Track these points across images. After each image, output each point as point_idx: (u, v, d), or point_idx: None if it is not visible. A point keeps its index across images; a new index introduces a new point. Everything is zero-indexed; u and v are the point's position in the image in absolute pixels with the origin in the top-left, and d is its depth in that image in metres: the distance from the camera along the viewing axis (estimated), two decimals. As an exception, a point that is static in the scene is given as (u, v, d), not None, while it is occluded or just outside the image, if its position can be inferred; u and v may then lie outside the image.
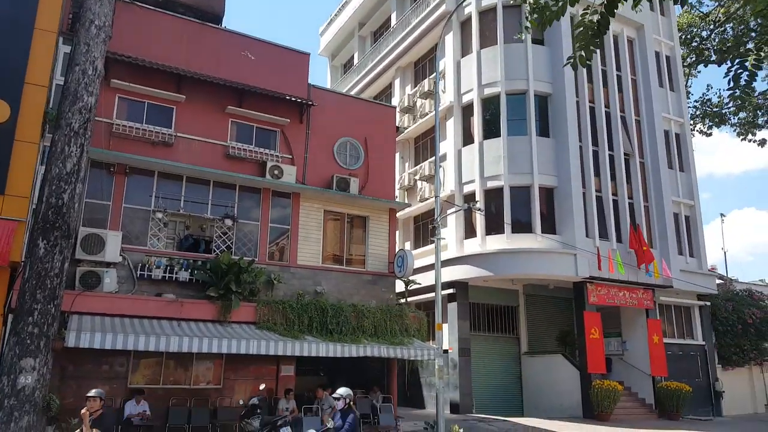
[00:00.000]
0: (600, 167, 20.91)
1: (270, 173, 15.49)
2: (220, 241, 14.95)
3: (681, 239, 22.21)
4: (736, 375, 23.08)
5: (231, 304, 13.55)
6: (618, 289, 19.93)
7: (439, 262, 14.61)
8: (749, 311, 22.90)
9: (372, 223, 17.08)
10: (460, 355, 19.71)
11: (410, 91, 24.77)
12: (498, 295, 22.06)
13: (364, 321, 14.92)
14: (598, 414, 18.05)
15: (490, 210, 20.20)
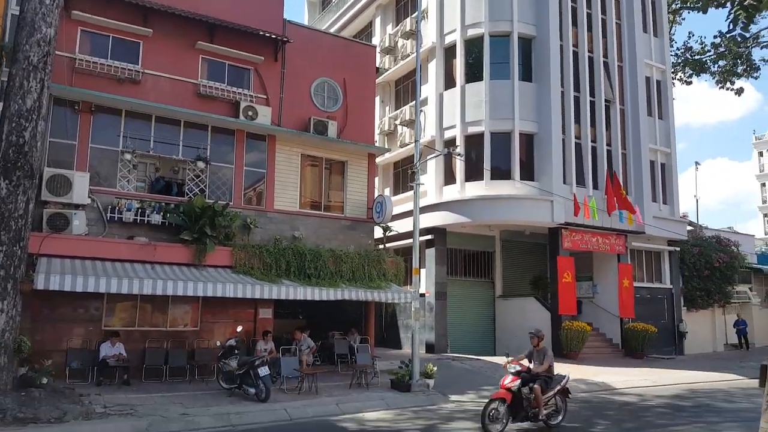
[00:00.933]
0: (580, 113, 20.78)
1: (244, 114, 14.99)
2: (193, 184, 14.57)
3: (656, 186, 22.50)
4: (700, 317, 24.02)
5: (206, 248, 13.36)
6: (592, 234, 20.25)
7: (418, 208, 14.52)
8: (716, 256, 23.58)
9: (351, 168, 16.81)
10: (437, 299, 20.03)
11: (391, 31, 23.98)
12: (475, 241, 22.27)
13: (342, 266, 14.92)
14: (567, 353, 18.67)
15: (470, 156, 20.06)
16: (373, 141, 17.87)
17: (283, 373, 12.20)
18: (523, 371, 9.16)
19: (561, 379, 9.64)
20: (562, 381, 9.61)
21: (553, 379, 9.47)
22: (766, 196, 57.45)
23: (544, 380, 9.25)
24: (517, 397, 8.91)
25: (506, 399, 8.80)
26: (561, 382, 9.55)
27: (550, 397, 9.31)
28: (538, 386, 9.00)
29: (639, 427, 9.48)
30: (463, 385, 14.02)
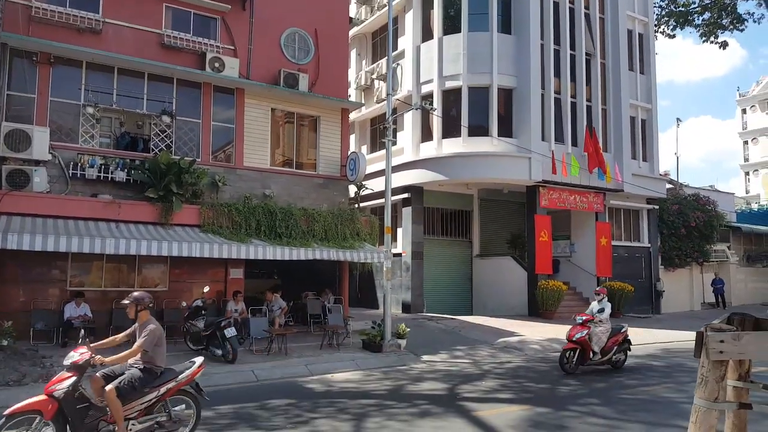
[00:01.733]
0: (561, 67, 20.27)
1: (210, 66, 14.30)
2: (159, 140, 14.00)
3: (635, 143, 22.27)
4: (678, 275, 24.24)
5: (172, 206, 12.93)
6: (569, 192, 20.08)
7: (390, 164, 14.14)
8: (694, 214, 23.62)
9: (323, 123, 16.28)
10: (413, 258, 19.89)
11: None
12: (453, 200, 22.05)
13: (314, 225, 14.59)
14: (542, 312, 18.77)
15: (448, 112, 19.58)
16: (347, 95, 17.30)
17: (253, 335, 12.01)
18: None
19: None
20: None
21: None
22: (748, 154, 57.66)
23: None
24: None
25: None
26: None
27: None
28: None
29: (609, 387, 9.48)
30: (437, 345, 14.00)
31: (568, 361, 10.52)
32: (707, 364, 3.25)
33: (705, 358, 3.21)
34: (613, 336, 10.90)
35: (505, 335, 15.46)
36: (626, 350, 11.33)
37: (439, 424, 7.01)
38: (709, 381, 3.26)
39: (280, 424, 7.00)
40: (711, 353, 3.16)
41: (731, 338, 3.16)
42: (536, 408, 7.86)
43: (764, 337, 3.23)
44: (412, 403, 8.20)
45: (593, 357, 10.65)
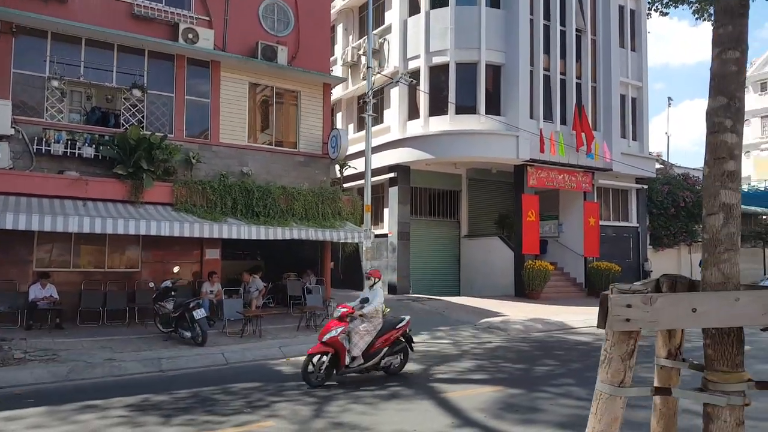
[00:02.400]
0: (550, 44, 19.72)
1: (183, 37, 13.70)
2: (130, 115, 13.43)
3: (625, 122, 21.84)
4: (666, 255, 24.03)
5: (142, 183, 12.43)
6: (558, 172, 19.68)
7: (370, 140, 13.70)
8: (683, 194, 23.33)
9: (304, 99, 15.72)
10: (399, 239, 19.51)
11: (353, -49, 22.25)
12: (441, 180, 21.62)
13: (294, 204, 14.14)
14: (528, 293, 18.49)
15: (435, 89, 19.05)
16: (329, 70, 16.72)
17: (226, 316, 11.62)
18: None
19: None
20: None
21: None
22: (739, 136, 57.43)
23: None
24: None
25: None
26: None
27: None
28: None
29: (585, 368, 9.17)
30: (419, 326, 13.63)
31: (315, 370, 7.76)
32: (611, 337, 2.68)
33: (609, 329, 2.65)
34: (383, 334, 8.25)
35: (489, 315, 15.17)
36: (405, 351, 8.59)
37: (405, 406, 6.67)
38: (613, 359, 2.70)
39: (238, 408, 6.63)
40: (613, 321, 2.58)
41: (641, 302, 2.60)
42: (509, 389, 7.53)
43: (682, 301, 2.66)
44: (382, 385, 7.86)
45: (351, 363, 7.99)
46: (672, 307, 2.64)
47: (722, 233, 2.96)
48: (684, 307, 2.64)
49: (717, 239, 2.98)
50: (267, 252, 17.85)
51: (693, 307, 2.64)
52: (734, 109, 3.03)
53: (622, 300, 2.59)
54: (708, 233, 3.00)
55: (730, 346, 2.87)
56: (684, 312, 2.64)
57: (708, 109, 3.18)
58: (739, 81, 3.03)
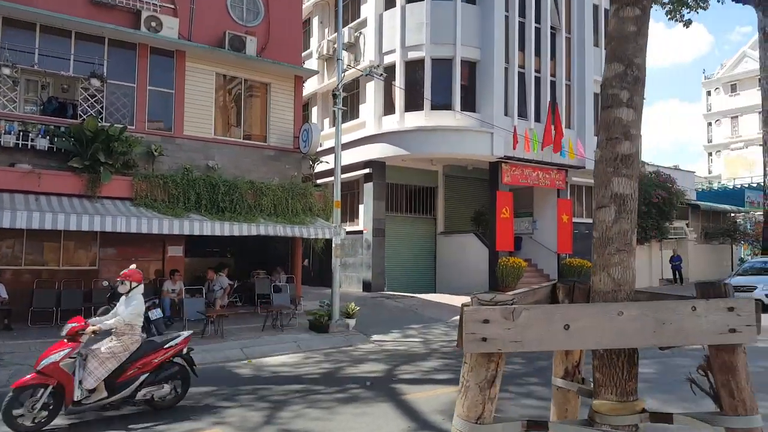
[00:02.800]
0: (525, 41, 19.58)
1: (146, 25, 13.13)
2: (88, 105, 12.82)
3: (599, 120, 21.82)
4: (637, 252, 23.94)
5: (100, 177, 11.85)
6: (532, 169, 19.57)
7: (339, 134, 13.31)
8: (655, 192, 23.44)
9: (275, 91, 15.26)
10: (374, 236, 19.19)
11: (327, -57, 21.82)
12: (417, 176, 21.36)
13: (262, 199, 13.69)
14: (502, 289, 18.31)
15: (410, 84, 18.74)
16: (301, 62, 16.27)
17: (187, 316, 11.15)
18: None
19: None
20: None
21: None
22: (712, 135, 58.45)
23: None
24: None
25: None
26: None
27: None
28: None
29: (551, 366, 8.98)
30: (390, 324, 13.41)
31: (26, 411, 5.64)
32: (469, 360, 2.11)
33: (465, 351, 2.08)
34: (142, 356, 6.19)
35: (461, 314, 14.96)
36: (183, 378, 6.55)
37: (363, 410, 6.35)
38: (470, 388, 2.14)
39: (185, 414, 6.23)
40: (467, 341, 2.01)
41: (501, 317, 2.02)
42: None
43: (552, 316, 2.08)
44: (343, 387, 7.53)
45: (86, 397, 5.87)
46: (541, 324, 2.06)
47: (613, 230, 2.49)
48: (556, 324, 2.07)
49: (607, 237, 2.50)
50: (237, 249, 17.38)
51: (566, 323, 2.06)
52: (631, 78, 2.57)
53: (479, 314, 2.03)
54: (597, 230, 2.53)
55: (619, 370, 2.39)
56: (555, 329, 2.07)
57: (603, 79, 2.75)
58: (638, 44, 2.58)
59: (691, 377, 2.41)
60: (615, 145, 2.52)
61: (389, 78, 19.02)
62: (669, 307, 2.21)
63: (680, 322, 2.19)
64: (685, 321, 2.19)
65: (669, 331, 2.17)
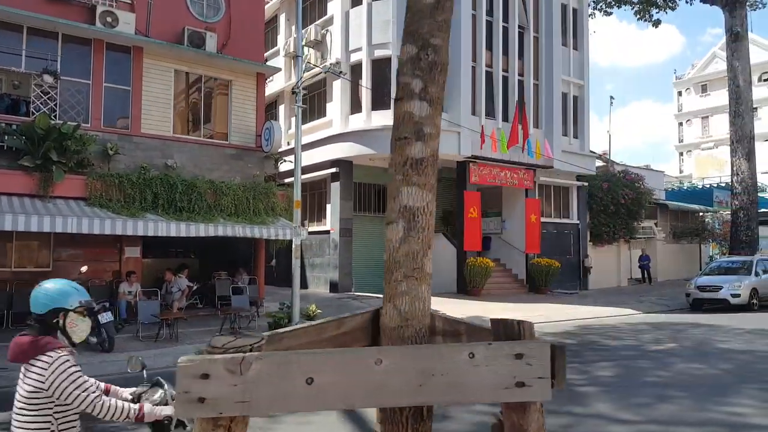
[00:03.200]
0: (493, 40, 19.62)
1: (101, 20, 12.81)
2: (41, 102, 12.47)
3: (567, 120, 22.00)
4: (606, 252, 24.42)
5: (52, 176, 11.54)
6: (500, 169, 19.62)
7: (300, 132, 13.15)
8: (623, 192, 23.72)
9: (236, 89, 15.03)
10: (341, 236, 19.04)
11: (295, -61, 21.55)
12: (386, 176, 20.83)
13: (222, 199, 13.48)
14: (470, 290, 18.38)
15: (379, 82, 18.62)
16: (263, 59, 16.06)
17: (140, 319, 10.90)
18: None
19: None
20: None
21: None
22: (683, 135, 59.46)
23: None
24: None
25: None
26: None
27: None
28: None
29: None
30: (353, 324, 13.28)
31: None
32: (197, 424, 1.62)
33: None
34: None
35: (426, 315, 14.90)
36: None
37: (308, 418, 6.22)
38: None
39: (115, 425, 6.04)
40: (181, 402, 1.54)
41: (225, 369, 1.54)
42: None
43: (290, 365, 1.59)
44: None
45: None
46: (275, 377, 1.56)
47: (401, 251, 2.03)
48: (295, 377, 1.57)
49: (394, 260, 2.03)
50: (202, 250, 17.08)
51: (308, 375, 1.58)
52: (426, 64, 2.06)
53: (196, 367, 1.53)
54: (386, 251, 2.09)
55: (403, 428, 1.98)
56: (295, 385, 1.57)
57: (398, 66, 2.24)
58: (437, 21, 2.09)
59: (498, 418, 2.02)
60: (405, 147, 2.07)
61: (356, 76, 18.90)
62: (439, 354, 1.72)
63: (454, 374, 1.68)
64: (460, 371, 1.69)
65: (439, 386, 1.67)
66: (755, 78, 53.59)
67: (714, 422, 6.22)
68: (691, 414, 6.53)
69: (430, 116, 2.06)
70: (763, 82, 54.09)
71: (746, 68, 24.59)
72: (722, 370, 8.82)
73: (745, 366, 9.08)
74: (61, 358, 2.51)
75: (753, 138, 24.80)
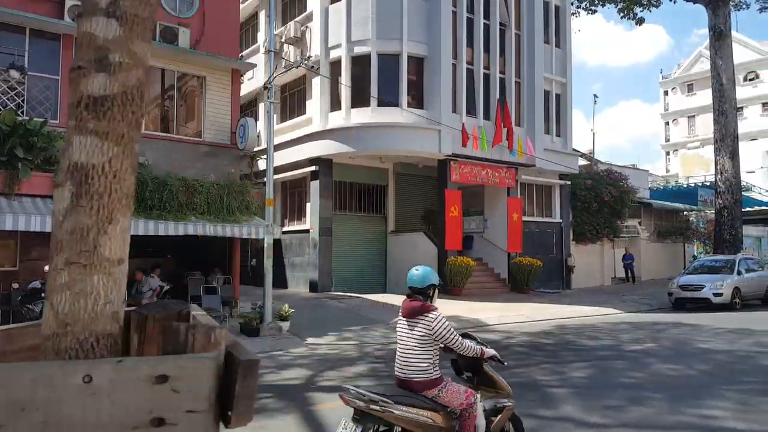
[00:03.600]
0: (474, 37, 19.48)
1: (70, 15, 12.49)
2: (8, 98, 12.15)
3: (549, 118, 21.89)
4: (589, 251, 24.35)
5: (18, 174, 11.20)
6: (482, 167, 19.48)
7: (272, 129, 13.01)
8: (606, 190, 23.66)
9: (210, 85, 14.76)
10: (321, 235, 18.81)
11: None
12: (367, 174, 21.08)
13: (195, 197, 13.19)
14: (451, 289, 18.19)
15: (358, 79, 18.43)
16: (238, 55, 15.81)
17: (107, 319, 10.60)
18: None
19: None
20: None
21: None
22: (669, 134, 59.75)
23: None
24: None
25: None
26: None
27: None
28: None
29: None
30: (329, 326, 13.07)
31: None
32: None
33: None
34: None
35: (405, 314, 14.70)
36: None
37: (261, 423, 6.00)
38: None
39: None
40: None
41: None
42: (390, 398, 7.01)
43: None
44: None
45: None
46: None
47: (65, 227, 1.54)
48: None
49: (57, 240, 1.55)
50: (179, 249, 16.79)
51: None
52: None
53: None
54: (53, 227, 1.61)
55: None
56: None
57: None
58: None
59: None
60: (80, 80, 1.54)
61: (335, 73, 18.69)
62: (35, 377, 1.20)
63: (56, 408, 1.18)
64: (66, 404, 1.20)
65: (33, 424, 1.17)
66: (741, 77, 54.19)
67: (686, 425, 6.08)
68: (663, 417, 6.38)
69: (120, 39, 1.54)
70: (749, 82, 54.52)
71: (729, 66, 24.64)
72: (699, 371, 8.69)
73: (723, 366, 8.96)
74: (439, 316, 4.05)
75: (737, 137, 24.85)
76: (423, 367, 3.96)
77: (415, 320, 4.00)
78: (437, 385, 3.96)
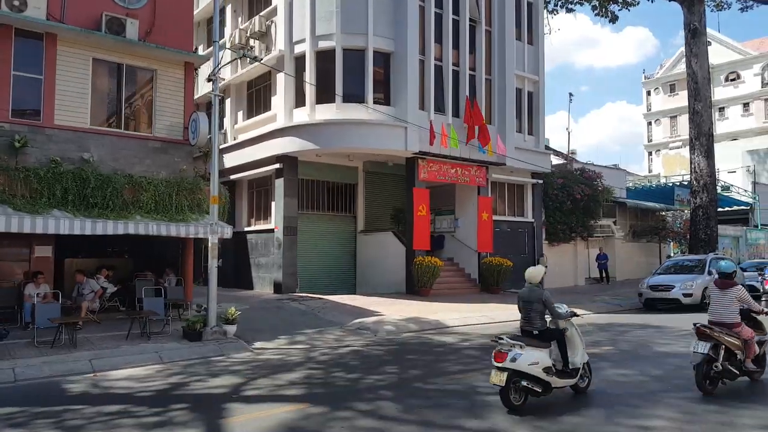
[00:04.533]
0: (442, 33, 19.06)
1: (7, 4, 11.87)
2: (-61, 91, 11.53)
3: (521, 116, 21.52)
4: (562, 250, 24.02)
5: None
6: (451, 165, 19.08)
7: (216, 123, 12.47)
8: (579, 188, 23.34)
9: (162, 78, 14.16)
10: (285, 234, 18.30)
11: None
12: (335, 172, 20.63)
13: (142, 194, 12.65)
14: (419, 289, 17.80)
15: (323, 75, 17.93)
16: (192, 47, 15.23)
17: (37, 324, 10.06)
18: None
19: None
20: None
21: None
22: (652, 134, 59.84)
23: None
24: None
25: None
26: None
27: None
28: None
29: (422, 376, 8.38)
30: (282, 329, 12.59)
31: None
32: None
33: None
34: None
35: (364, 315, 14.28)
36: None
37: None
38: None
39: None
40: None
41: None
42: (313, 408, 6.57)
43: None
44: (167, 407, 6.69)
45: None
46: None
47: None
48: None
49: None
50: (137, 249, 16.19)
51: None
52: None
53: None
54: None
55: None
56: None
57: None
58: None
59: None
60: None
61: (300, 69, 18.21)
62: None
63: None
64: None
65: None
66: (723, 78, 54.40)
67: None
68: (596, 428, 5.99)
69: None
70: (730, 82, 54.69)
71: (704, 65, 24.47)
72: (650, 377, 8.31)
73: (676, 371, 8.57)
74: None
75: (712, 135, 24.69)
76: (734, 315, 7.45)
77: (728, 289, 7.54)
78: (739, 326, 7.39)
